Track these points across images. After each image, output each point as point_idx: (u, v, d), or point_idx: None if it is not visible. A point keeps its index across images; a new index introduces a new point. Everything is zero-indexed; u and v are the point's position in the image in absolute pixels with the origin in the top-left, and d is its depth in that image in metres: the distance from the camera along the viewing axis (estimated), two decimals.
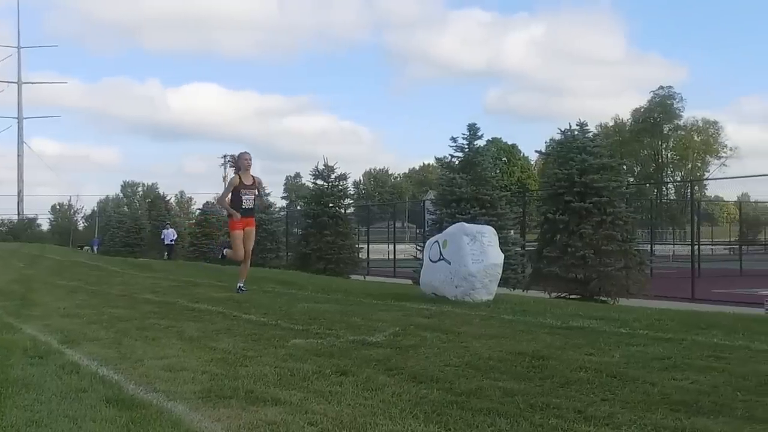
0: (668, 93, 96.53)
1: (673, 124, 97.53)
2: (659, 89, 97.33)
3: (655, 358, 6.51)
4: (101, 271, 22.35)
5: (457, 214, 21.43)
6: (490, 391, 5.26)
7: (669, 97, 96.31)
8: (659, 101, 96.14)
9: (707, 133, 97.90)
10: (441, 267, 11.71)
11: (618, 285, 19.18)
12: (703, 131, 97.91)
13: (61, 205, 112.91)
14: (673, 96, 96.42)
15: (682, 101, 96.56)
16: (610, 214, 19.53)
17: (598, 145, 20.95)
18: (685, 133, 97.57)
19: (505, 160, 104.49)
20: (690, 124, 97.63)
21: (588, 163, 19.66)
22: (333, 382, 5.62)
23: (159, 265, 27.28)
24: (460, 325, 8.66)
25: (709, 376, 5.78)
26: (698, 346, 7.28)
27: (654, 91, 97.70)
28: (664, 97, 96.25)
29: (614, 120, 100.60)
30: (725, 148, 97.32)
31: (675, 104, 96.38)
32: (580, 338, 7.72)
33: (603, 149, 21.22)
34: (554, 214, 19.59)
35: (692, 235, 33.23)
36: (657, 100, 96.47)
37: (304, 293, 12.69)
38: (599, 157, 20.09)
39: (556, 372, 5.91)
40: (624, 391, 5.31)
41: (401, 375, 5.85)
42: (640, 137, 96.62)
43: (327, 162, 30.63)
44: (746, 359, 6.59)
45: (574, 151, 20.09)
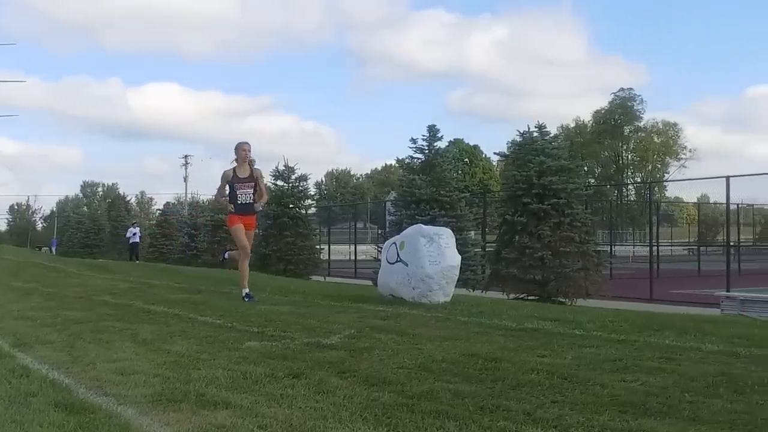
0: (629, 95, 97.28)
1: (634, 126, 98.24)
2: (620, 91, 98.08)
3: (606, 360, 6.56)
4: (58, 273, 22.13)
5: (416, 216, 21.53)
6: (441, 394, 5.28)
7: (629, 99, 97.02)
8: (620, 103, 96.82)
9: (667, 134, 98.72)
10: (398, 268, 11.73)
11: (576, 286, 19.35)
12: (663, 133, 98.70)
13: (19, 206, 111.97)
14: (634, 98, 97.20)
15: (642, 103, 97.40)
16: (568, 216, 19.70)
17: (557, 147, 21.13)
18: (645, 134, 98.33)
19: (467, 161, 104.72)
20: (650, 126, 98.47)
21: (546, 165, 19.81)
22: (285, 385, 5.61)
23: (117, 267, 27.09)
24: (415, 326, 8.68)
25: (658, 378, 5.84)
26: (650, 347, 7.36)
27: (615, 93, 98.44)
28: (624, 99, 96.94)
29: (575, 121, 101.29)
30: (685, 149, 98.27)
31: (635, 106, 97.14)
32: (534, 340, 7.77)
33: (561, 151, 21.40)
34: (513, 216, 19.73)
35: (650, 236, 33.53)
36: (617, 101, 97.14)
37: (262, 295, 12.63)
38: (557, 159, 20.26)
39: (507, 374, 5.94)
40: (574, 392, 5.34)
41: (354, 377, 5.85)
42: (600, 139, 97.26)
43: (287, 163, 30.66)
44: (696, 360, 6.66)
45: (533, 153, 20.25)
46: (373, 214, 73.50)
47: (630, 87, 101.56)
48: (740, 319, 11.34)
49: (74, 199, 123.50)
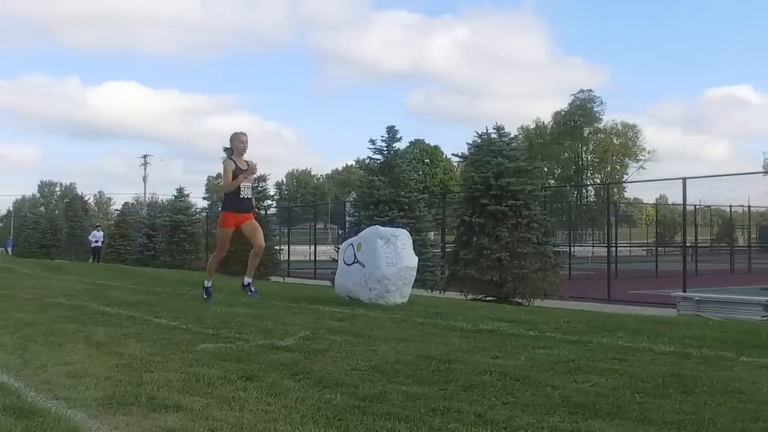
0: (588, 96, 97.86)
1: (593, 128, 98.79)
2: (579, 92, 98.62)
3: (559, 361, 6.60)
4: (13, 274, 21.94)
5: (375, 217, 21.56)
6: (394, 396, 5.29)
7: (589, 101, 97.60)
8: (579, 104, 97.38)
9: (626, 136, 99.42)
10: (355, 270, 11.74)
11: (533, 287, 19.47)
12: (622, 134, 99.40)
13: None
14: (593, 99, 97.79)
15: (601, 105, 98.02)
16: (525, 217, 19.82)
17: (515, 148, 21.26)
18: (605, 136, 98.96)
19: (427, 161, 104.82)
20: (609, 128, 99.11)
21: (504, 167, 19.92)
22: (238, 387, 5.60)
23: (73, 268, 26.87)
24: (371, 328, 8.69)
25: (610, 379, 5.89)
26: (603, 348, 7.42)
27: (575, 95, 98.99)
28: (584, 100, 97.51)
29: (536, 122, 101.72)
30: (643, 151, 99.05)
31: (595, 108, 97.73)
32: (489, 341, 7.80)
33: (519, 153, 21.51)
34: (470, 217, 19.80)
35: (608, 236, 33.80)
36: (577, 103, 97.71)
37: (219, 296, 12.58)
38: (515, 161, 20.37)
39: (460, 376, 5.97)
40: (526, 394, 5.37)
41: (307, 379, 5.85)
42: (560, 140, 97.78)
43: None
44: (648, 361, 6.72)
45: (491, 154, 20.35)
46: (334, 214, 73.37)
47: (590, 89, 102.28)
48: (694, 320, 11.44)
49: (31, 198, 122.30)
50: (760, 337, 8.47)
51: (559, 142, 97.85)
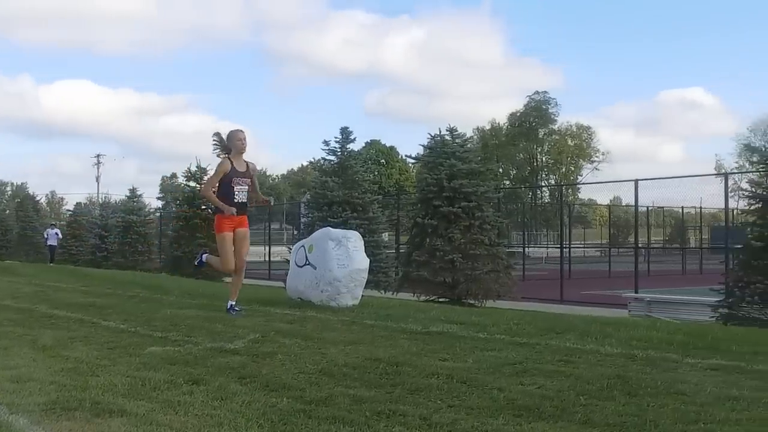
0: (544, 98, 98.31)
1: (548, 129, 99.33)
2: (535, 94, 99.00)
3: (506, 363, 6.64)
4: None
5: (329, 218, 21.59)
6: (340, 399, 5.29)
7: (544, 102, 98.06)
8: (535, 106, 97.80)
9: (581, 137, 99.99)
10: (307, 272, 11.72)
11: (485, 288, 19.57)
12: (576, 136, 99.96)
13: None
14: (548, 101, 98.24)
15: (557, 106, 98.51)
16: (478, 219, 19.93)
17: (468, 150, 21.36)
18: (560, 137, 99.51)
19: (383, 162, 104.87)
20: (564, 129, 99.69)
21: (457, 169, 20.01)
22: (184, 391, 5.57)
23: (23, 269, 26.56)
24: (321, 330, 8.69)
25: (556, 381, 5.93)
26: (551, 350, 7.47)
27: (530, 96, 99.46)
28: (539, 101, 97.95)
29: (491, 123, 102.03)
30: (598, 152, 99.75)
31: (550, 109, 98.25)
32: (438, 343, 7.82)
33: (472, 155, 21.62)
34: (423, 219, 19.86)
35: (561, 237, 34.05)
36: (533, 104, 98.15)
37: (170, 298, 12.53)
38: (468, 163, 20.47)
39: (407, 378, 5.98)
40: (471, 397, 5.40)
41: (254, 383, 5.84)
42: (516, 141, 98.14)
43: (200, 164, 30.42)
44: (594, 363, 6.78)
45: (443, 156, 20.44)
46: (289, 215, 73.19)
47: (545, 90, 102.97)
48: (641, 321, 11.54)
49: None
50: (705, 339, 8.57)
51: (515, 143, 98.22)
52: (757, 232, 15.02)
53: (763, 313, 14.62)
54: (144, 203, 41.57)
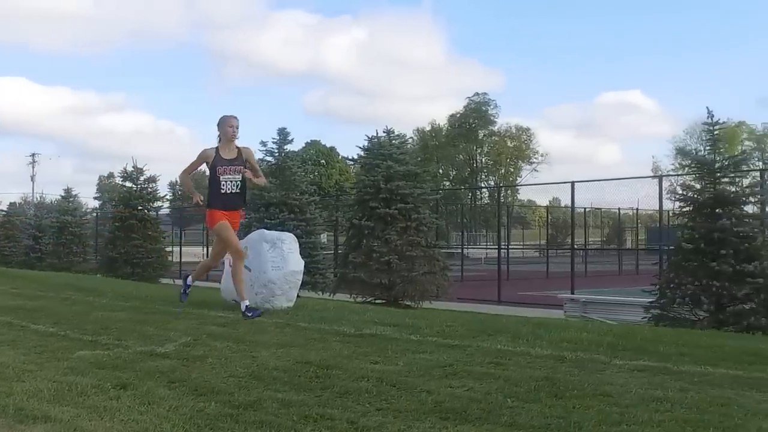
0: (483, 99, 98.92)
1: (488, 130, 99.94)
2: (475, 95, 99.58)
3: (437, 366, 6.67)
4: None
5: (266, 219, 21.53)
6: (268, 403, 5.28)
7: (484, 104, 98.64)
8: (475, 107, 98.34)
9: (520, 139, 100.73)
10: None
11: (422, 289, 19.67)
12: (516, 137, 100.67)
13: None
14: (488, 102, 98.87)
15: (496, 108, 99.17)
16: (414, 220, 20.03)
17: (404, 152, 21.45)
18: (499, 138, 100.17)
19: (323, 162, 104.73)
20: (504, 130, 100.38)
21: (394, 170, 20.10)
22: (111, 396, 5.52)
23: None
24: (253, 333, 8.65)
25: (484, 383, 5.97)
26: (482, 352, 7.52)
27: (470, 98, 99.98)
28: (479, 103, 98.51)
29: (431, 125, 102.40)
30: (537, 154, 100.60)
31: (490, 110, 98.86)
32: (370, 346, 7.83)
33: (409, 156, 21.73)
34: (360, 220, 19.91)
35: (498, 239, 34.27)
36: (472, 106, 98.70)
37: (102, 301, 12.36)
38: (405, 164, 20.58)
39: (337, 381, 5.98)
40: (400, 400, 5.41)
41: (183, 387, 5.80)
42: (456, 142, 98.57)
43: (136, 164, 30.18)
44: (524, 365, 6.84)
45: (380, 158, 20.51)
46: None
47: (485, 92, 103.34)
48: (573, 323, 11.70)
49: None
50: (634, 340, 8.69)
51: (455, 145, 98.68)
52: (687, 234, 15.26)
53: (693, 314, 14.86)
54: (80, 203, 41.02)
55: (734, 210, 14.91)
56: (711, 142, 15.82)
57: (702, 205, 15.31)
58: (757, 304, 14.07)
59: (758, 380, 6.42)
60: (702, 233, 14.82)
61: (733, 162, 16.22)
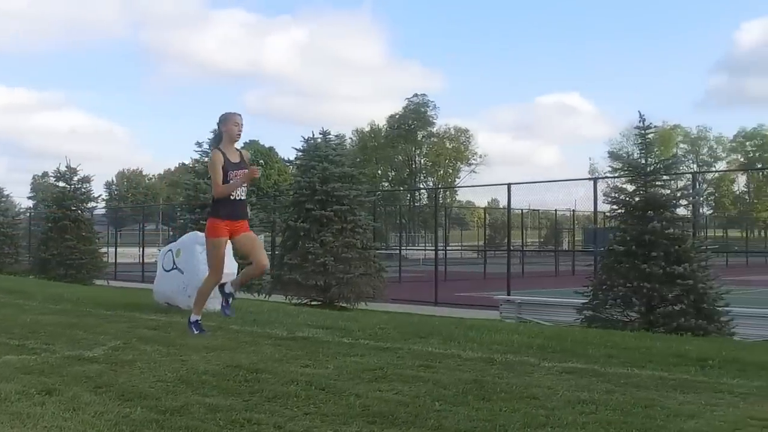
0: (422, 100, 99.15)
1: (427, 131, 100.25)
2: (414, 96, 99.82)
3: (367, 369, 6.68)
4: None
5: (201, 220, 21.35)
6: (195, 408, 5.24)
7: (423, 105, 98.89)
8: (414, 108, 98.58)
9: (458, 140, 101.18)
10: (174, 276, 11.59)
11: (357, 291, 19.70)
12: (454, 139, 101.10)
13: None
14: (427, 104, 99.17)
15: (435, 109, 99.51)
16: (350, 222, 20.06)
17: (340, 153, 21.47)
18: (438, 140, 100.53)
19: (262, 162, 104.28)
20: (443, 132, 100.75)
21: (329, 172, 20.10)
22: (35, 402, 5.43)
23: None
24: (184, 337, 8.60)
25: (413, 387, 5.99)
26: (413, 355, 7.56)
27: (409, 99, 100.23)
28: (418, 104, 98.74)
29: (370, 125, 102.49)
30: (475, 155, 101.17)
31: (429, 112, 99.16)
32: (301, 349, 7.83)
33: (345, 158, 21.74)
34: (296, 222, 19.90)
35: (435, 239, 34.40)
36: (411, 107, 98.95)
37: (32, 304, 12.18)
38: (341, 166, 20.58)
39: (266, 386, 5.96)
40: (328, 404, 5.41)
41: (110, 392, 5.73)
42: (395, 143, 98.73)
43: (69, 163, 29.78)
44: (453, 368, 6.88)
45: (316, 159, 20.51)
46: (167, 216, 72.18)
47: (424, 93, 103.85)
48: (504, 325, 11.80)
49: None
50: (564, 342, 8.80)
51: (393, 146, 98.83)
52: (619, 236, 15.46)
53: (624, 315, 15.06)
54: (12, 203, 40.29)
55: (665, 213, 15.11)
56: (643, 145, 16.03)
57: (633, 208, 15.51)
58: (687, 305, 14.26)
59: (682, 381, 6.54)
60: (633, 235, 15.02)
61: (664, 165, 16.46)
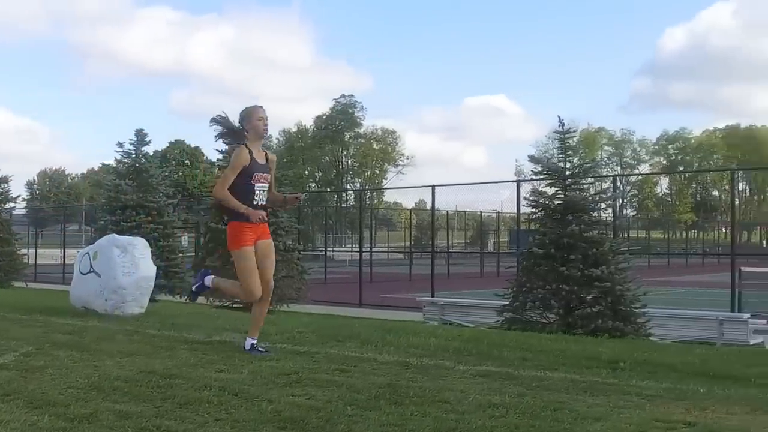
0: (350, 101, 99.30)
1: (354, 132, 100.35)
2: (341, 97, 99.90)
3: (282, 374, 6.67)
4: None
5: (122, 222, 21.20)
6: (105, 415, 5.17)
7: (350, 106, 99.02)
8: (341, 109, 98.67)
9: (386, 141, 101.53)
10: (91, 279, 11.47)
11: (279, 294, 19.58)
12: (381, 140, 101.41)
13: None
14: (355, 104, 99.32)
15: (363, 110, 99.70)
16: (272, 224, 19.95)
17: None
18: (365, 141, 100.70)
19: (188, 162, 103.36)
20: (370, 133, 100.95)
21: None
22: None
23: None
24: (100, 341, 8.50)
25: (327, 391, 5.98)
26: (329, 359, 7.56)
27: (336, 99, 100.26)
28: (345, 105, 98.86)
29: (297, 126, 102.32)
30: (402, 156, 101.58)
31: (356, 113, 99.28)
32: (217, 354, 7.79)
33: None
34: (217, 224, 19.79)
35: (360, 241, 34.44)
36: (339, 108, 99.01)
37: None
38: None
39: (179, 391, 5.91)
40: (240, 409, 5.37)
41: (18, 400, 5.62)
42: (322, 144, 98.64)
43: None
44: (368, 372, 6.89)
45: None
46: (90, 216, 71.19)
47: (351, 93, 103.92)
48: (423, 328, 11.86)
49: None
50: (481, 345, 8.90)
51: (321, 146, 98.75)
52: (538, 239, 15.66)
53: (543, 317, 15.25)
54: None
55: (583, 216, 15.34)
56: (562, 149, 16.27)
57: (553, 211, 15.73)
58: (604, 307, 14.51)
59: (592, 384, 6.65)
60: (552, 238, 15.23)
61: (583, 169, 16.73)
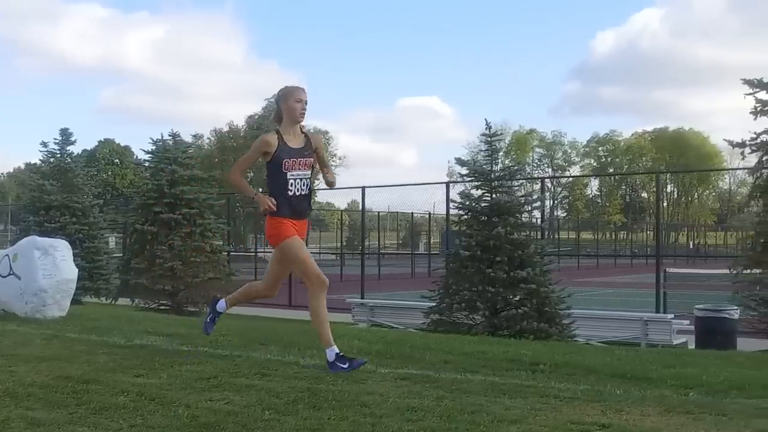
0: None
1: None
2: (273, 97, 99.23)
3: (201, 378, 6.59)
4: None
5: (45, 223, 20.95)
6: (16, 423, 5.08)
7: None
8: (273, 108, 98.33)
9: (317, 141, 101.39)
10: (11, 282, 11.24)
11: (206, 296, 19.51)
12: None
13: None
14: None
15: None
16: (200, 226, 19.93)
17: (189, 156, 21.32)
18: None
19: (117, 162, 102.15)
20: None
21: (178, 175, 19.93)
22: None
23: None
24: (16, 346, 8.33)
25: (245, 396, 5.94)
26: (250, 363, 7.48)
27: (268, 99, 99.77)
28: None
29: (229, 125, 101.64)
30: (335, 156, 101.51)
31: None
32: (137, 358, 7.67)
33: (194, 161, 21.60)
34: (143, 225, 19.67)
35: None
36: (271, 107, 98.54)
37: None
38: (190, 169, 20.42)
39: (95, 397, 5.82)
40: (156, 415, 5.31)
41: None
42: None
43: None
44: (289, 376, 6.84)
45: (165, 161, 20.32)
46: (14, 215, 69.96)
47: None
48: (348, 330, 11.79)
49: None
50: (404, 347, 8.88)
51: None
52: (465, 241, 15.74)
53: (470, 319, 15.34)
54: None
55: (509, 219, 15.47)
56: (488, 152, 16.40)
57: (479, 213, 15.83)
58: (530, 308, 14.65)
59: (512, 386, 6.67)
60: (479, 240, 15.33)
61: (509, 172, 16.87)
